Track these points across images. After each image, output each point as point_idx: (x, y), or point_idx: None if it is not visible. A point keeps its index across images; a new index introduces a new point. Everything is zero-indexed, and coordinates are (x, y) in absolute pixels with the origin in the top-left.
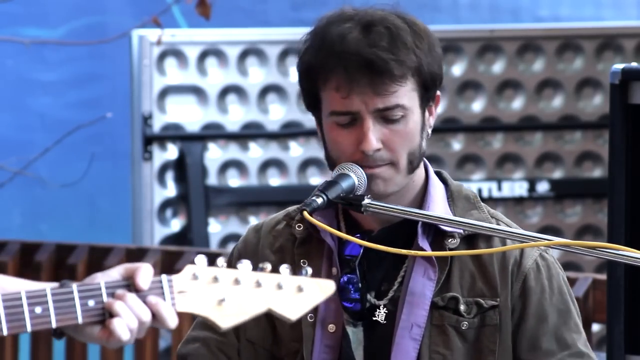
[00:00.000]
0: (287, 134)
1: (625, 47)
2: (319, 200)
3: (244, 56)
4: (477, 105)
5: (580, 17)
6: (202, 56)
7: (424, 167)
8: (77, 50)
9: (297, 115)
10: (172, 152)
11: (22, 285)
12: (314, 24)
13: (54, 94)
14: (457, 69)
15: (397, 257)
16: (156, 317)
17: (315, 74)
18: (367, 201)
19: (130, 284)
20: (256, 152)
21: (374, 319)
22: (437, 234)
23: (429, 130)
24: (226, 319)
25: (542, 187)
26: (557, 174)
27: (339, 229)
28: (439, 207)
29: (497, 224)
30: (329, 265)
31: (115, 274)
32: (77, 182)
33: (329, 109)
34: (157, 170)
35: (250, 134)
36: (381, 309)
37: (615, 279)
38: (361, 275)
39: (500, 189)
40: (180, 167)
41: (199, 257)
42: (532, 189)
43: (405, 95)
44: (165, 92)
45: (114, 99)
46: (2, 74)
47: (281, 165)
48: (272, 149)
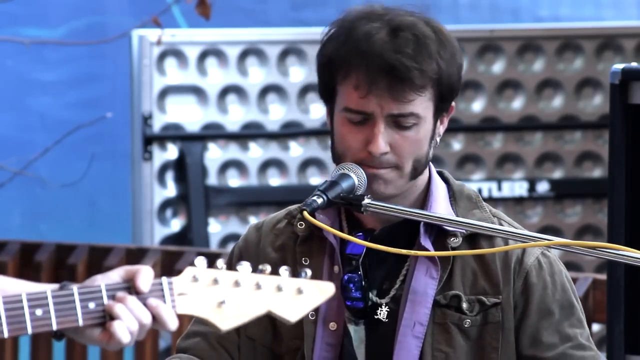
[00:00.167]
0: (287, 134)
1: (625, 47)
2: (319, 200)
3: (244, 56)
4: (477, 105)
5: (580, 17)
6: (202, 56)
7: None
8: (77, 50)
9: (297, 115)
10: (172, 152)
11: (22, 286)
12: (341, 15)
13: (54, 94)
14: None
15: (399, 256)
16: (156, 319)
17: (335, 67)
18: (367, 201)
19: (130, 287)
20: (256, 152)
21: (375, 317)
22: (440, 232)
23: (437, 139)
24: (226, 321)
25: (542, 187)
26: (557, 174)
27: (341, 227)
28: (441, 206)
29: (499, 223)
30: (330, 263)
31: (115, 276)
32: (77, 182)
33: (344, 105)
34: (157, 170)
35: (250, 134)
36: (383, 307)
37: (615, 279)
38: (364, 273)
39: (500, 189)
40: (180, 167)
41: (198, 259)
42: (532, 189)
43: (421, 104)
44: (165, 92)
45: (114, 99)
46: (2, 74)
47: (281, 165)
48: (272, 149)
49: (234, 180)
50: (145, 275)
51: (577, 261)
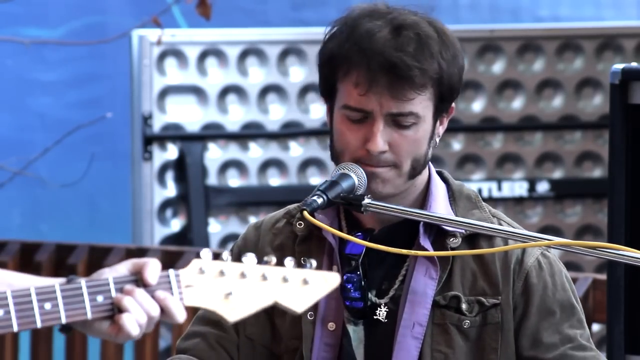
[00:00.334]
0: (287, 134)
1: (625, 47)
2: (319, 200)
3: (244, 56)
4: (477, 105)
5: (580, 17)
6: (202, 56)
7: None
8: (77, 50)
9: (297, 115)
10: (172, 152)
11: (30, 281)
12: (345, 13)
13: (54, 94)
14: None
15: (398, 256)
16: (165, 311)
17: (336, 64)
18: (367, 201)
19: (138, 279)
20: (256, 152)
21: (375, 317)
22: (439, 233)
23: (437, 139)
24: (233, 312)
25: (542, 187)
26: (557, 174)
27: (340, 227)
28: (440, 206)
29: (499, 224)
30: (329, 263)
31: (122, 269)
32: (77, 182)
33: (343, 102)
34: (157, 170)
35: (250, 134)
36: (382, 307)
37: (615, 279)
38: (363, 273)
39: (500, 189)
40: (180, 167)
41: (204, 251)
42: (532, 189)
43: (420, 103)
44: (165, 92)
45: (114, 99)
46: (2, 74)
47: (281, 165)
48: (272, 149)
49: (234, 180)
50: (152, 267)
51: (577, 261)
